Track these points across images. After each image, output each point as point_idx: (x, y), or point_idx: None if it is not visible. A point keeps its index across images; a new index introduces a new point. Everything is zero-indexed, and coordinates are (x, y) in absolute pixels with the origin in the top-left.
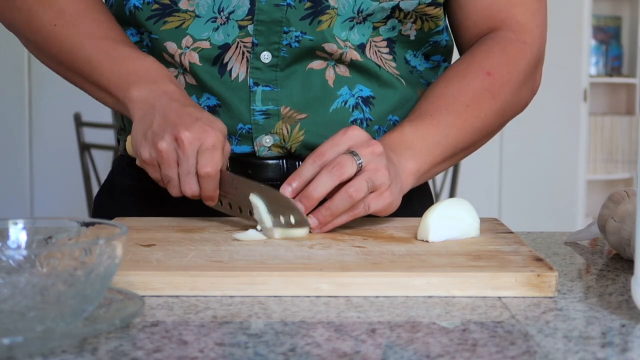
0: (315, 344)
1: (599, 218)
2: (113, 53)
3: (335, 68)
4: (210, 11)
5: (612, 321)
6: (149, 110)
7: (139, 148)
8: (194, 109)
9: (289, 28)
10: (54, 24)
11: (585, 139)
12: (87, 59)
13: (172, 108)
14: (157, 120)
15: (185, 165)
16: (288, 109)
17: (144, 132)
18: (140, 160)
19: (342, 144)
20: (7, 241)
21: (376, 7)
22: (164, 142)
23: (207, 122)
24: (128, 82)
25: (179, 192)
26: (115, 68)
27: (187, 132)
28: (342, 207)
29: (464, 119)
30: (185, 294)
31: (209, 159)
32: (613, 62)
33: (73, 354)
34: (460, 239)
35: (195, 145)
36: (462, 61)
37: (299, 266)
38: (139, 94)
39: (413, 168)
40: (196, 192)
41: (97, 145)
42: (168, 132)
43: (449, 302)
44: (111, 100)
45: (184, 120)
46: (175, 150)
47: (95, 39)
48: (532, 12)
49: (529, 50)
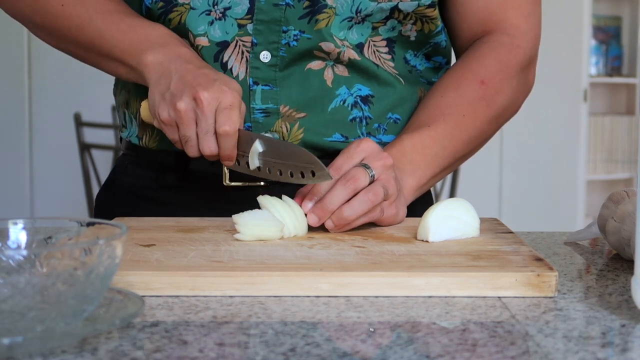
0: (315, 344)
1: (599, 218)
2: (122, 24)
3: (334, 68)
4: (205, 3)
5: (612, 321)
6: (165, 73)
7: (158, 109)
8: (209, 70)
9: (287, 27)
10: (62, 4)
11: (585, 139)
12: (98, 33)
13: (187, 69)
14: (174, 81)
15: (204, 125)
16: (287, 108)
17: (162, 93)
18: (158, 121)
19: (357, 156)
20: (7, 241)
21: (375, 7)
22: (183, 102)
23: (224, 82)
24: (141, 48)
25: (197, 151)
26: (127, 37)
27: (205, 92)
28: (361, 210)
29: (460, 129)
30: (185, 294)
31: (227, 117)
32: (613, 62)
33: (73, 354)
34: (460, 239)
35: (214, 104)
36: (456, 68)
37: (299, 266)
38: (153, 58)
39: (414, 184)
40: (214, 151)
41: (97, 145)
42: (186, 92)
43: (449, 302)
44: (125, 69)
45: (201, 81)
46: (194, 110)
47: (104, 13)
48: (526, 15)
49: (522, 54)
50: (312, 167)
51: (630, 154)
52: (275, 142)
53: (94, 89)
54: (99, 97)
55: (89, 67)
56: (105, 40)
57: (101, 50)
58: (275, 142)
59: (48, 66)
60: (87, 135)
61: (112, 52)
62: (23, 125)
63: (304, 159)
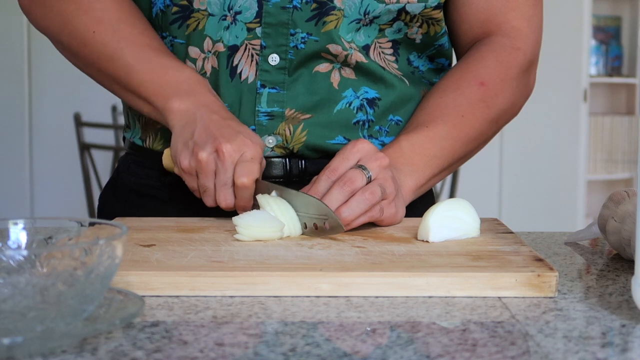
0: (315, 344)
1: (599, 218)
2: (153, 62)
3: (341, 71)
4: (222, 9)
5: (612, 321)
6: (190, 121)
7: (179, 157)
8: (234, 122)
9: (295, 30)
10: (93, 31)
11: (585, 139)
12: (127, 68)
13: (212, 120)
14: (198, 130)
15: (222, 177)
16: (293, 111)
17: (185, 141)
18: (179, 168)
19: (353, 157)
20: (7, 241)
21: (382, 9)
22: (205, 153)
23: (247, 135)
24: (168, 92)
25: (214, 202)
26: (156, 78)
27: (228, 144)
28: (359, 210)
29: (459, 130)
30: (185, 294)
31: (247, 169)
32: (613, 62)
33: (73, 354)
34: (461, 239)
35: (235, 157)
36: (456, 70)
37: (299, 266)
38: (179, 105)
39: (412, 184)
40: (230, 203)
41: (97, 145)
42: (209, 143)
43: (449, 302)
44: (149, 108)
45: (225, 133)
46: (215, 161)
47: (135, 46)
48: (527, 17)
49: (522, 57)
50: (325, 218)
51: (630, 154)
52: (291, 193)
53: (94, 89)
54: (99, 97)
55: None
56: (133, 77)
57: (127, 86)
58: (291, 193)
59: (48, 66)
60: (87, 135)
61: (138, 90)
62: (23, 125)
63: (317, 210)
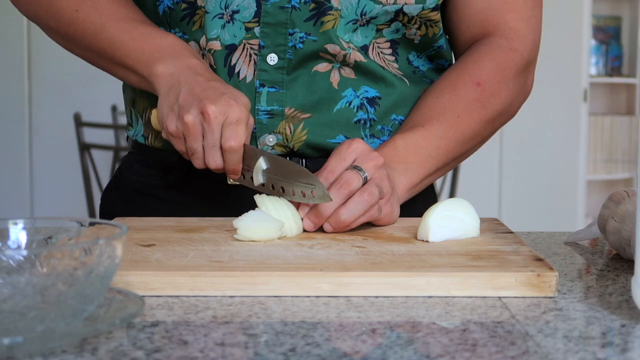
0: (315, 344)
1: (599, 218)
2: (135, 32)
3: (340, 70)
4: (218, 7)
5: (612, 321)
6: (175, 85)
7: (166, 120)
8: (218, 82)
9: (293, 30)
10: (76, 9)
11: (585, 139)
12: (110, 41)
13: (197, 82)
14: (183, 93)
15: (210, 139)
16: (292, 110)
17: (171, 105)
18: (166, 132)
19: (348, 157)
20: (7, 241)
21: (380, 10)
22: (190, 115)
23: (232, 96)
24: (152, 58)
25: (203, 164)
26: (139, 46)
27: (212, 105)
28: (357, 211)
29: (454, 129)
30: (185, 294)
31: (233, 132)
32: (613, 62)
33: (73, 354)
34: (461, 239)
35: (221, 119)
36: (453, 70)
37: (299, 266)
38: (164, 69)
39: (406, 183)
40: (220, 165)
41: (97, 145)
42: (194, 105)
43: (449, 302)
44: (136, 78)
45: (209, 94)
46: (201, 123)
47: (116, 20)
48: (526, 18)
49: (520, 58)
50: (312, 187)
51: (630, 154)
52: (279, 160)
53: (94, 89)
54: (99, 97)
55: (89, 67)
56: (117, 48)
57: (113, 58)
58: (279, 160)
59: (48, 66)
60: (87, 135)
61: (123, 61)
62: (23, 125)
63: (305, 179)
